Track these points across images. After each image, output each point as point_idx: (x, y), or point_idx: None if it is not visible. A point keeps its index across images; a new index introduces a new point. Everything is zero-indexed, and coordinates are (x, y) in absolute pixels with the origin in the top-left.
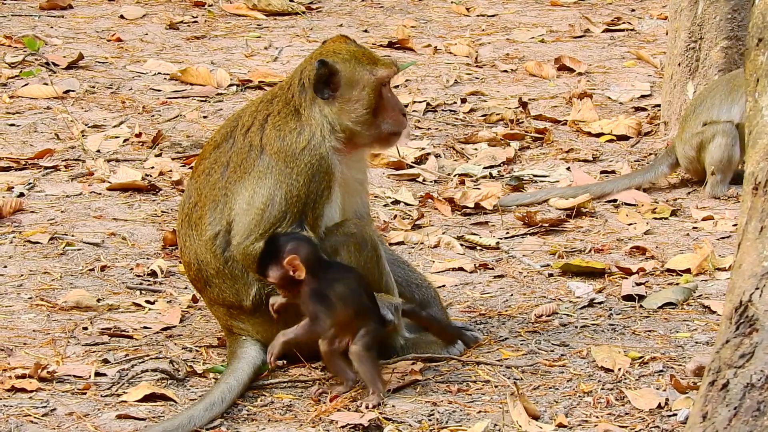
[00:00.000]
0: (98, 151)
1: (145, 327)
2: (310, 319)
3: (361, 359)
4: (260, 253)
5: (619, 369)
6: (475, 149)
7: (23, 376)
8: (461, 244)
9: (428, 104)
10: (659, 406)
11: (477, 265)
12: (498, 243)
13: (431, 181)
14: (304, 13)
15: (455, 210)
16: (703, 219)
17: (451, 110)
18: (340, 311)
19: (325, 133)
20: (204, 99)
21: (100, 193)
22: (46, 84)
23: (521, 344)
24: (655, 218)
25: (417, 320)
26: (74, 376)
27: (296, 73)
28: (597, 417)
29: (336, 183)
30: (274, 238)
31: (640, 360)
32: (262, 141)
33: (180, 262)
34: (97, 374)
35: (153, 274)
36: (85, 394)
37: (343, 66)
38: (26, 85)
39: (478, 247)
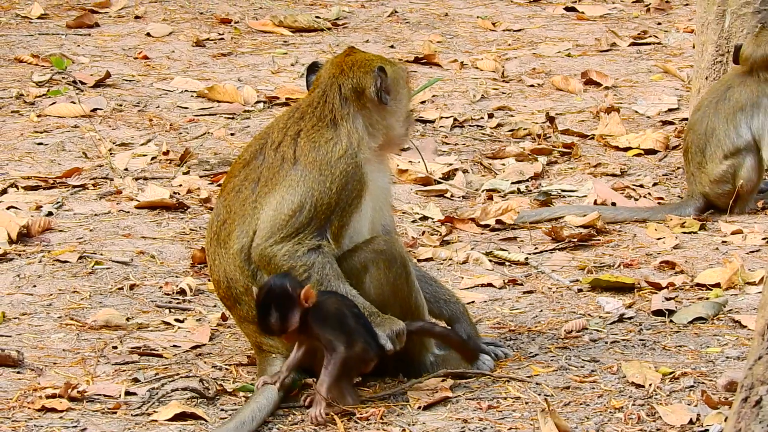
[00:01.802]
0: (126, 169)
1: (174, 345)
2: (326, 350)
3: (329, 364)
4: (267, 319)
5: (650, 384)
6: (503, 164)
7: (53, 396)
8: (490, 260)
9: (455, 120)
10: (690, 422)
11: (506, 281)
12: (527, 258)
13: (459, 197)
14: (330, 29)
15: (478, 227)
16: (732, 233)
17: (478, 125)
18: (338, 328)
19: (362, 143)
20: (231, 116)
21: (128, 212)
22: (74, 102)
23: (551, 360)
24: (684, 232)
25: (431, 336)
26: (104, 395)
27: (330, 88)
28: None
29: (367, 192)
30: (270, 295)
31: (671, 375)
32: (296, 153)
33: (209, 280)
34: (128, 393)
35: (182, 292)
36: (115, 413)
37: (389, 69)
38: (54, 103)
39: (507, 263)
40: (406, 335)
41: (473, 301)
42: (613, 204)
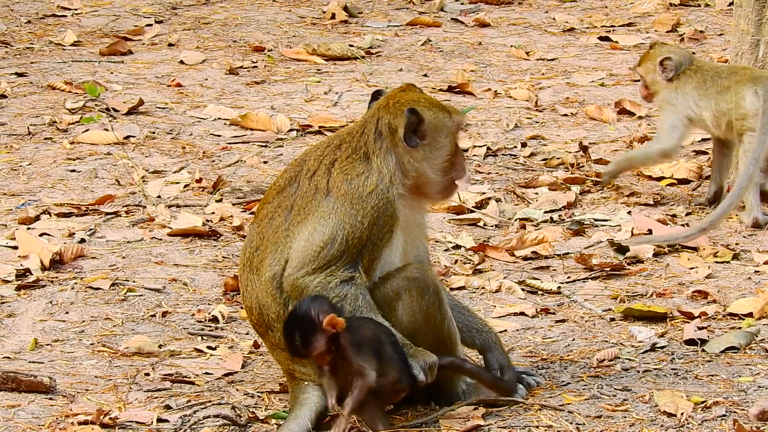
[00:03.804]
0: (159, 196)
1: (206, 373)
2: (356, 375)
3: (356, 389)
4: (292, 341)
5: (682, 414)
6: (536, 193)
7: (85, 423)
8: (522, 289)
9: (488, 148)
10: None
11: (538, 310)
12: (559, 287)
13: (492, 226)
14: (363, 57)
15: (511, 256)
16: (765, 262)
17: (511, 154)
18: (373, 354)
19: (394, 179)
20: (264, 144)
21: (161, 239)
22: (107, 130)
23: (583, 389)
24: (717, 262)
25: (462, 373)
26: (136, 422)
27: (370, 120)
28: None
29: (398, 228)
30: (294, 317)
31: (703, 405)
32: (329, 184)
33: (241, 308)
34: (160, 420)
35: (214, 319)
36: None
37: (428, 114)
38: (87, 130)
39: (540, 292)
40: (438, 369)
41: (505, 330)
42: (650, 231)
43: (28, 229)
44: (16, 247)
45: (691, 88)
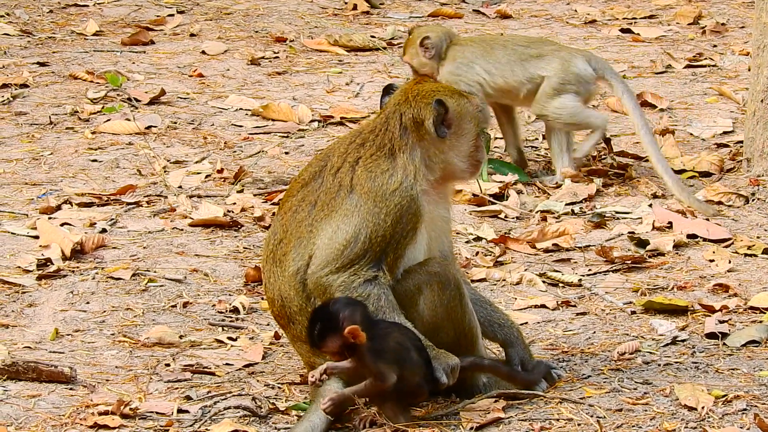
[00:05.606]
0: (180, 186)
1: (227, 364)
2: (374, 378)
3: (369, 384)
4: (312, 329)
5: (703, 407)
6: (557, 185)
7: (106, 413)
8: (543, 281)
9: None
10: None
11: (559, 303)
12: (580, 280)
13: (513, 218)
14: (385, 48)
15: (532, 248)
16: None
17: (533, 146)
18: (395, 362)
19: (419, 175)
20: (286, 135)
21: (182, 229)
22: (128, 120)
23: (604, 382)
24: (738, 254)
25: (482, 371)
26: (157, 412)
27: (392, 116)
28: None
29: (422, 224)
30: (323, 310)
31: (724, 398)
32: (353, 181)
33: (263, 299)
34: (180, 411)
35: (235, 310)
36: (167, 431)
37: (451, 103)
38: (108, 120)
39: (561, 284)
40: (459, 370)
41: (526, 322)
42: (669, 224)
43: (50, 218)
44: (37, 237)
45: (474, 57)
